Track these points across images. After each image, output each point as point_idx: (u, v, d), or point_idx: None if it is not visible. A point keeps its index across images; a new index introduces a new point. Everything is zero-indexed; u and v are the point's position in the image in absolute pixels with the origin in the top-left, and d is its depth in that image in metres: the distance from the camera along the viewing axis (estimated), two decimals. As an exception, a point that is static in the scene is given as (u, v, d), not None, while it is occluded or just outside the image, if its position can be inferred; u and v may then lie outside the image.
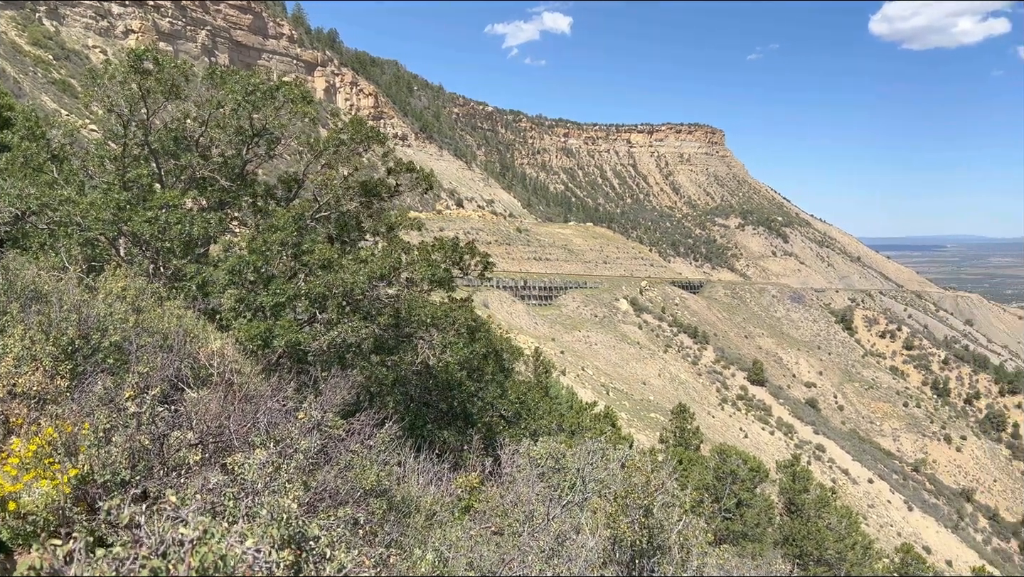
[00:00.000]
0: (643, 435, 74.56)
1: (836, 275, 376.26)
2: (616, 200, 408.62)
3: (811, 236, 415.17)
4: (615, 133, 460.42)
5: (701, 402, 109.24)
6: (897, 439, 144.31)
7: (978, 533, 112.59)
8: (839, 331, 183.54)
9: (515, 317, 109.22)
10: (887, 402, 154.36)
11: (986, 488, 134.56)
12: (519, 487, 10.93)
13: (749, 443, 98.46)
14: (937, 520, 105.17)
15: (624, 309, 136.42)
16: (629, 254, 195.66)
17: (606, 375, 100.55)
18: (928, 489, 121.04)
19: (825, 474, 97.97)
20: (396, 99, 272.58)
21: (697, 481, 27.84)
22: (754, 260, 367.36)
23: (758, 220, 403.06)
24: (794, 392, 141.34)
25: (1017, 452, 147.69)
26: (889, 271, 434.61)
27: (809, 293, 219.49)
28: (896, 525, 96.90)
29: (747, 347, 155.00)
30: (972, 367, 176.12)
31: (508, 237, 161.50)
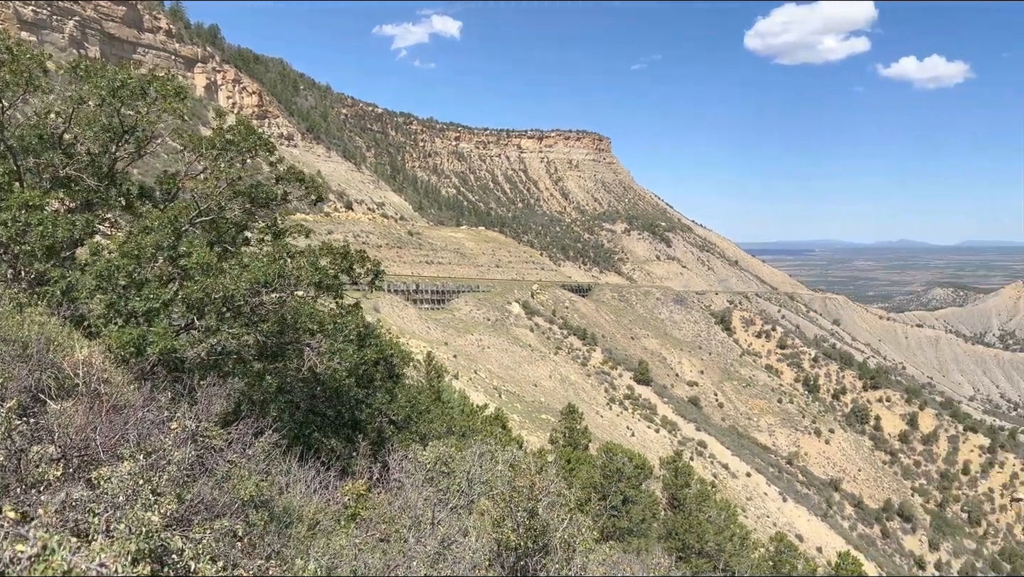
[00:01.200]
0: (534, 436, 75.46)
1: (716, 278, 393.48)
2: (508, 204, 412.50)
3: (692, 241, 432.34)
4: (506, 138, 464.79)
5: (590, 402, 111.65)
6: (772, 434, 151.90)
7: (845, 520, 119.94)
8: (719, 332, 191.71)
9: (407, 321, 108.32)
10: (763, 399, 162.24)
11: (852, 477, 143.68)
12: (407, 493, 10.86)
13: (636, 441, 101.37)
14: (808, 509, 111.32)
15: (516, 312, 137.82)
16: (521, 258, 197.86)
17: (499, 378, 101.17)
18: (800, 480, 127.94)
19: (707, 469, 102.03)
20: (282, 98, 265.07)
21: (585, 480, 28.45)
22: (640, 264, 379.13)
23: (643, 225, 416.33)
24: (677, 391, 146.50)
25: (879, 443, 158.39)
26: (764, 274, 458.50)
27: (691, 296, 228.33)
28: (772, 516, 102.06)
29: (634, 348, 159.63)
30: (839, 364, 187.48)
31: (399, 240, 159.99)
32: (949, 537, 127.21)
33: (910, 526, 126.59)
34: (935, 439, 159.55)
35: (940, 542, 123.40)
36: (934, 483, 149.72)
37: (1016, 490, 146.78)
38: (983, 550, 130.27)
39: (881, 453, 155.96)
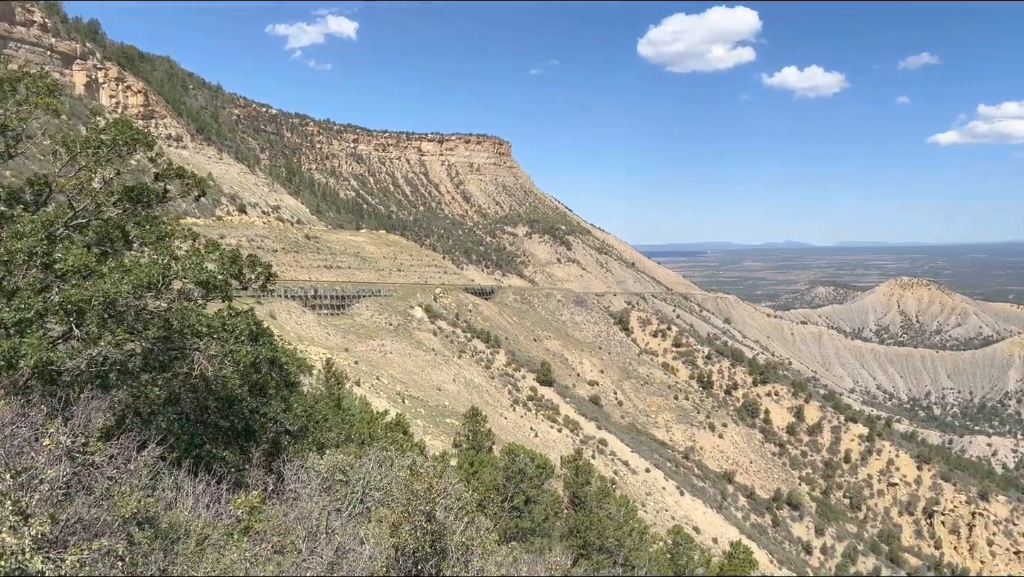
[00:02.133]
0: (438, 440, 75.09)
1: (614, 280, 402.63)
2: (409, 208, 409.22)
3: (592, 244, 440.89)
4: (406, 141, 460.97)
5: (494, 405, 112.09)
6: (670, 430, 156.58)
7: (738, 511, 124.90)
8: (618, 332, 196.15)
9: (305, 328, 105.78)
10: (660, 396, 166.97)
11: (744, 469, 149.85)
12: (303, 503, 10.61)
13: (539, 442, 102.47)
14: (705, 502, 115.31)
15: (419, 316, 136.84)
16: (423, 261, 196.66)
17: (401, 383, 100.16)
18: (696, 474, 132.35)
19: (608, 466, 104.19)
20: (169, 98, 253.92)
21: (488, 482, 28.53)
22: (541, 267, 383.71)
23: (544, 229, 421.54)
24: (579, 390, 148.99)
25: (768, 435, 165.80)
26: (660, 275, 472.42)
27: (591, 297, 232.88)
28: (670, 509, 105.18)
29: (536, 350, 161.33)
30: (731, 361, 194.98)
31: (296, 244, 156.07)
32: (833, 522, 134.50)
33: (798, 513, 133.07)
34: (819, 430, 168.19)
35: (825, 527, 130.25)
36: (819, 472, 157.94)
37: (892, 475, 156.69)
38: (863, 533, 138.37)
39: (771, 445, 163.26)
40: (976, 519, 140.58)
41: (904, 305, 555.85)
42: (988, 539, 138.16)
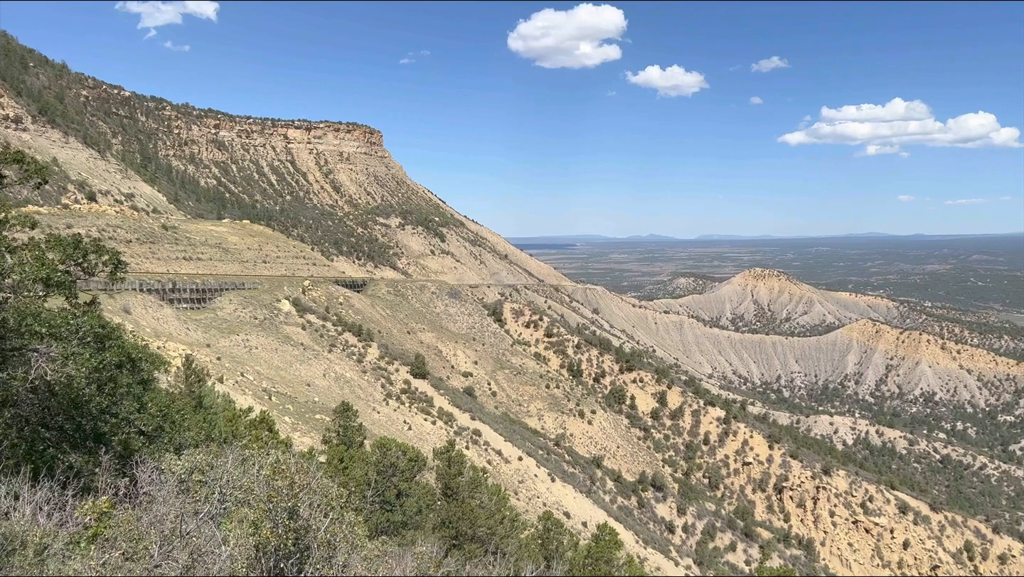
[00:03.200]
0: (308, 437, 73.25)
1: (488, 272, 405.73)
2: (275, 197, 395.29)
3: (465, 236, 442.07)
4: (271, 127, 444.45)
5: (367, 399, 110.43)
6: (541, 418, 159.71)
7: (606, 494, 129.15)
8: (491, 323, 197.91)
9: (163, 323, 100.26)
10: (533, 385, 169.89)
11: (611, 454, 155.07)
12: (158, 506, 10.10)
13: (413, 435, 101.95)
14: (575, 487, 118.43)
15: (286, 310, 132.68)
16: (290, 253, 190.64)
17: (268, 379, 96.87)
18: (567, 460, 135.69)
19: (481, 457, 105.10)
20: (7, 76, 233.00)
21: (359, 477, 28.16)
22: (415, 259, 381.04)
23: (417, 220, 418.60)
24: (453, 382, 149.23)
25: (634, 420, 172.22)
26: (532, 267, 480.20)
27: (465, 289, 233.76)
28: (542, 496, 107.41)
29: (410, 342, 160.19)
30: (599, 349, 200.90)
31: (153, 235, 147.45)
32: (694, 501, 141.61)
33: (662, 494, 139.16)
34: (681, 414, 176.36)
35: (686, 506, 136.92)
36: (681, 454, 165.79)
37: (746, 455, 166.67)
38: (721, 510, 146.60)
39: (636, 430, 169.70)
40: (820, 493, 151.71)
41: (757, 295, 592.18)
42: (830, 510, 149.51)
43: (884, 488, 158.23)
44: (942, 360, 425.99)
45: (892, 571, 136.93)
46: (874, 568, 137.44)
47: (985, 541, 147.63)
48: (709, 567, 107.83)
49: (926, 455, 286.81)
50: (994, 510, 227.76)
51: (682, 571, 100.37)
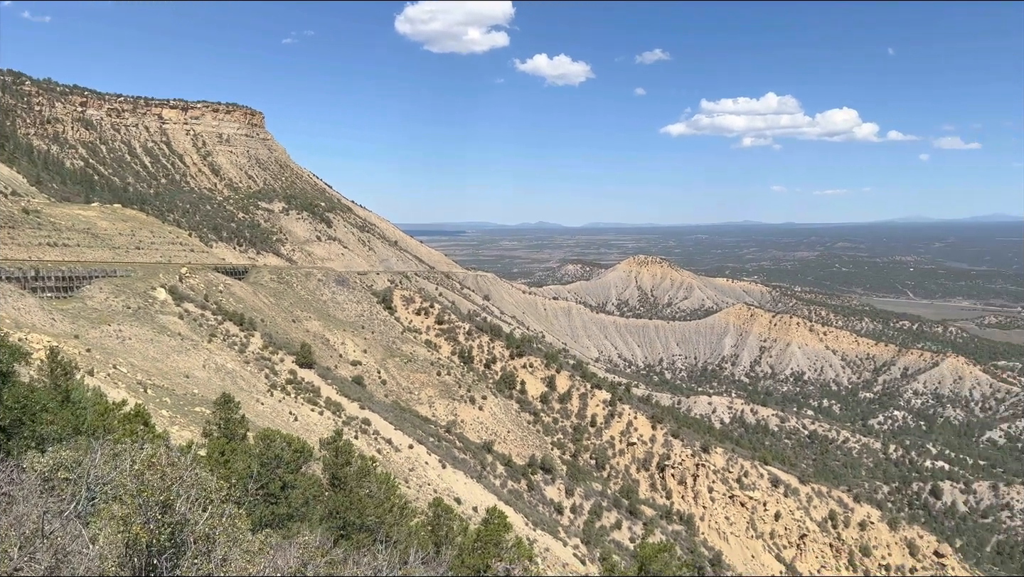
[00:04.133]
0: (187, 431, 70.30)
1: (377, 258, 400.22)
2: (149, 180, 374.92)
3: (353, 221, 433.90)
4: (144, 107, 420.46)
5: (250, 390, 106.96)
6: (432, 405, 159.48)
7: (497, 479, 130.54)
8: (381, 311, 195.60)
9: (26, 313, 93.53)
10: (424, 373, 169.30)
11: (502, 439, 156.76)
12: (19, 506, 9.47)
13: (299, 426, 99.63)
14: (465, 473, 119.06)
15: (162, 299, 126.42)
16: (166, 239, 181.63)
17: (144, 372, 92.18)
18: (458, 447, 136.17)
19: (371, 446, 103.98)
20: None
21: (242, 470, 27.33)
22: (300, 245, 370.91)
23: (302, 205, 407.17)
24: (342, 371, 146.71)
25: (524, 405, 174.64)
26: (422, 254, 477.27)
27: (353, 276, 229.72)
28: (433, 483, 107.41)
29: (295, 331, 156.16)
30: (490, 336, 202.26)
31: (12, 220, 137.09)
32: (581, 482, 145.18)
33: (551, 477, 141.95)
34: (569, 397, 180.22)
35: (574, 488, 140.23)
36: (569, 436, 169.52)
37: (631, 436, 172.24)
38: (607, 490, 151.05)
39: (526, 414, 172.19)
40: (699, 470, 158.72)
41: (641, 281, 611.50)
42: (709, 486, 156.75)
43: (758, 463, 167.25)
44: (810, 342, 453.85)
45: (765, 541, 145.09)
46: (749, 539, 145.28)
47: (847, 509, 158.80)
48: (596, 546, 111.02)
49: (796, 431, 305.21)
50: (855, 480, 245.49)
51: (570, 551, 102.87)
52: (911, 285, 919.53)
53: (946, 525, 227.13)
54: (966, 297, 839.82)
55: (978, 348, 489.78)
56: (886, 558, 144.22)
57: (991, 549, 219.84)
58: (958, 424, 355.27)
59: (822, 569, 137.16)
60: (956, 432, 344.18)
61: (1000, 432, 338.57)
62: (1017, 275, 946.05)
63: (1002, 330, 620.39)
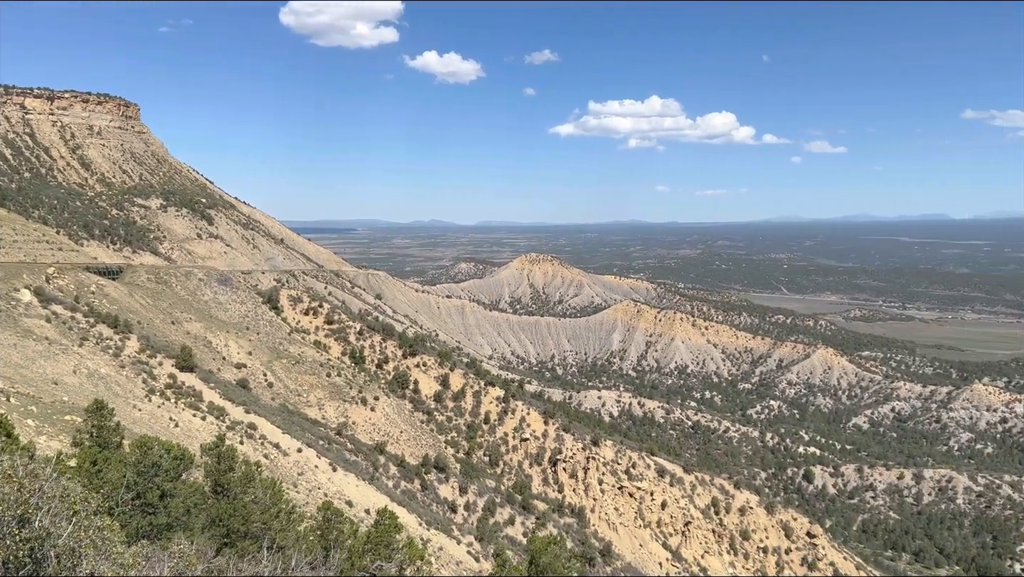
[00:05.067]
0: (56, 441, 66.02)
1: (262, 257, 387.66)
2: (10, 174, 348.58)
3: (236, 219, 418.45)
4: (4, 95, 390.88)
5: (126, 396, 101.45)
6: (322, 407, 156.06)
7: (390, 480, 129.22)
8: (267, 311, 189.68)
9: None
10: (313, 374, 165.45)
11: (395, 439, 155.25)
12: None
13: (180, 432, 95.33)
14: (357, 475, 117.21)
15: (27, 300, 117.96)
16: (31, 237, 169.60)
17: (6, 379, 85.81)
18: (349, 449, 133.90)
19: (257, 451, 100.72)
20: None
21: (116, 480, 25.94)
22: (179, 243, 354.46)
23: (181, 202, 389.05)
24: (225, 374, 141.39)
25: (417, 404, 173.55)
26: (311, 252, 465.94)
27: (237, 275, 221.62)
28: (323, 487, 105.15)
29: (175, 333, 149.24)
30: (382, 335, 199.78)
31: None
32: (475, 480, 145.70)
33: (444, 476, 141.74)
34: (463, 396, 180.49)
35: (468, 485, 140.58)
36: (463, 434, 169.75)
37: (524, 431, 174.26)
38: (501, 486, 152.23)
39: (420, 413, 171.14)
40: (590, 463, 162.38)
41: (533, 279, 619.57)
42: (599, 479, 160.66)
43: (645, 455, 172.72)
44: (693, 336, 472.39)
45: (652, 530, 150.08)
46: (637, 528, 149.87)
47: (728, 496, 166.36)
48: (490, 542, 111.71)
49: (680, 422, 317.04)
50: (736, 468, 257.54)
51: (464, 548, 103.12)
52: (785, 281, 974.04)
53: (817, 507, 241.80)
54: (834, 292, 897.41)
55: (845, 340, 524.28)
56: (764, 541, 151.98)
57: (857, 528, 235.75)
58: (827, 411, 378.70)
59: (705, 554, 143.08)
60: (826, 419, 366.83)
61: (864, 418, 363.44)
62: (879, 271, 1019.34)
63: (866, 323, 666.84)
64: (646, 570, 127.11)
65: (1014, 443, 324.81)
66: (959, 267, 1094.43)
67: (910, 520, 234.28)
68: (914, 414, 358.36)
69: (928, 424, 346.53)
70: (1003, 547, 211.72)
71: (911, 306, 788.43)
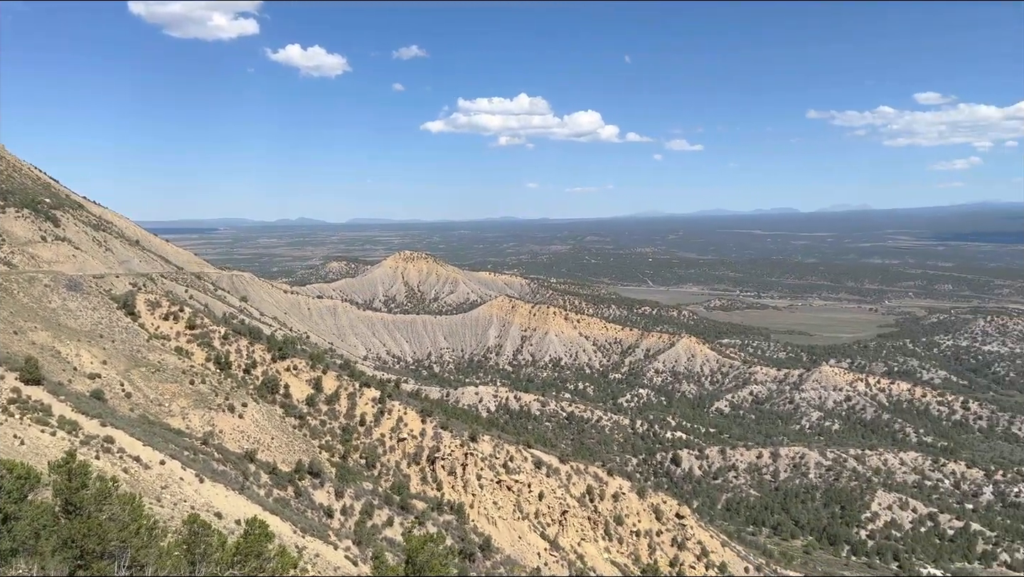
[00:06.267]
0: None
1: (116, 260, 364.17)
2: None
3: (86, 220, 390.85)
4: None
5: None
6: (186, 417, 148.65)
7: (261, 488, 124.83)
8: (122, 317, 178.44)
9: None
10: (175, 383, 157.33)
11: (266, 446, 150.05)
12: None
13: (27, 449, 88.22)
14: (226, 485, 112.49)
15: None
16: None
17: None
18: (217, 458, 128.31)
19: (116, 465, 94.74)
20: None
21: (-51, 507, 23.73)
22: (21, 247, 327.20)
23: (22, 202, 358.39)
24: (77, 386, 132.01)
25: (289, 409, 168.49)
26: (169, 254, 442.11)
27: (88, 280, 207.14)
28: (190, 499, 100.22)
29: (19, 344, 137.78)
30: (249, 339, 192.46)
31: None
32: (351, 483, 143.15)
33: (319, 481, 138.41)
34: (337, 398, 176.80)
35: (345, 489, 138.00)
36: (338, 438, 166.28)
37: (401, 431, 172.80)
38: (378, 488, 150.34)
39: (292, 418, 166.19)
40: (468, 459, 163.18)
41: (408, 276, 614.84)
42: (477, 474, 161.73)
43: (522, 447, 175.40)
44: (566, 329, 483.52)
45: (530, 521, 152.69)
46: (516, 521, 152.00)
47: (602, 483, 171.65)
48: (368, 545, 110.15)
49: (555, 414, 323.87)
50: (609, 455, 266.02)
51: (341, 553, 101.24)
52: (650, 274, 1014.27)
53: (685, 489, 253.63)
54: (696, 283, 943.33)
55: (707, 328, 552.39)
56: (636, 524, 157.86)
57: (721, 506, 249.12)
58: (692, 397, 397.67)
59: (582, 541, 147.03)
60: (691, 404, 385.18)
61: (726, 402, 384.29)
62: (736, 263, 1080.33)
63: (725, 312, 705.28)
64: (525, 561, 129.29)
65: (857, 419, 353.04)
66: (807, 257, 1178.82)
67: (769, 496, 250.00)
68: (770, 396, 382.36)
69: (783, 405, 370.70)
70: (850, 516, 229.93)
71: (765, 295, 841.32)
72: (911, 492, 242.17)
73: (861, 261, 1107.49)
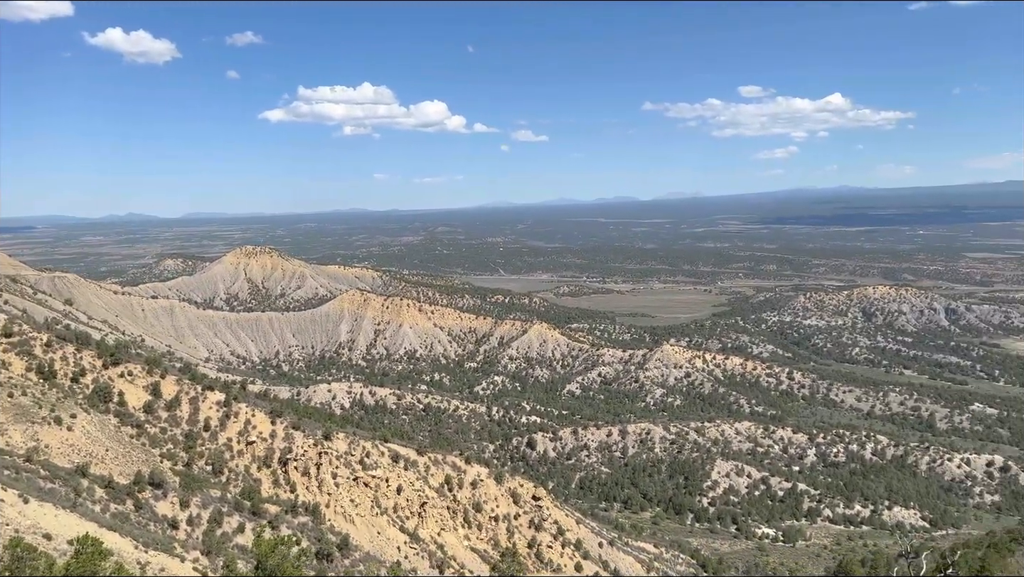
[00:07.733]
0: None
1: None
2: None
3: None
4: None
5: None
6: (6, 432, 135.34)
7: (96, 504, 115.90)
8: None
9: None
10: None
11: (100, 459, 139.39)
12: None
13: None
14: (55, 504, 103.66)
15: None
16: None
17: None
18: (43, 476, 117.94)
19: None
20: None
21: None
22: None
23: None
24: None
25: (124, 418, 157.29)
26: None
27: None
28: (13, 522, 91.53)
29: None
30: (76, 345, 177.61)
31: None
32: (197, 491, 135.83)
33: (162, 492, 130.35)
34: (178, 404, 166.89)
35: (190, 498, 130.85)
36: (180, 445, 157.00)
37: (250, 434, 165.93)
38: (227, 495, 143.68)
39: (128, 428, 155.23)
40: (322, 458, 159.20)
41: (250, 272, 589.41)
42: (333, 473, 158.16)
43: (379, 443, 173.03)
44: (420, 321, 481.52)
45: (389, 516, 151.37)
46: (374, 517, 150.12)
47: (461, 472, 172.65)
48: (218, 554, 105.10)
49: (412, 406, 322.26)
50: (467, 444, 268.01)
51: (189, 566, 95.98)
52: (501, 263, 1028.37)
53: (541, 471, 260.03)
54: (545, 271, 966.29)
55: (557, 314, 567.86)
56: (495, 510, 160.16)
57: (575, 485, 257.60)
58: (545, 381, 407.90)
59: (442, 531, 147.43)
60: (544, 389, 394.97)
61: (576, 384, 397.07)
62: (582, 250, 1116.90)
63: (573, 297, 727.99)
64: (384, 556, 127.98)
65: (696, 394, 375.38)
66: (647, 243, 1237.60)
67: (619, 472, 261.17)
68: (617, 377, 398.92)
69: (629, 384, 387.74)
70: (693, 485, 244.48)
71: (610, 280, 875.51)
72: (746, 459, 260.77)
73: (696, 245, 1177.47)
